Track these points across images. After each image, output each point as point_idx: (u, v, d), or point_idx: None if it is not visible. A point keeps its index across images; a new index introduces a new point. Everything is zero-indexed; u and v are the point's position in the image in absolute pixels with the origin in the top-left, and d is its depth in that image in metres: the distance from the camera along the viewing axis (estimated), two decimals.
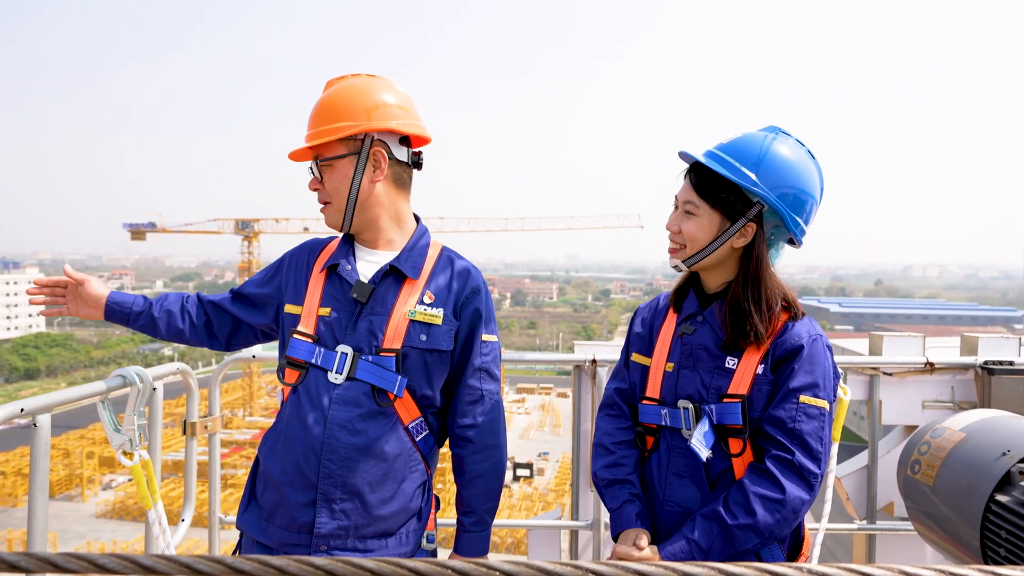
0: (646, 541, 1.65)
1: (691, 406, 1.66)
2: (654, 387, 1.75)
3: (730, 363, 1.64)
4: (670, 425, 1.70)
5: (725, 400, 1.63)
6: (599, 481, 1.80)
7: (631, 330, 1.89)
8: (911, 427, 2.87)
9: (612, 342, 1.95)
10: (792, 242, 1.71)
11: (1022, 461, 1.75)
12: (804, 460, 1.56)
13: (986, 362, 2.74)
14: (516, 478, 34.59)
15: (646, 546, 1.63)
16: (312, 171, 1.77)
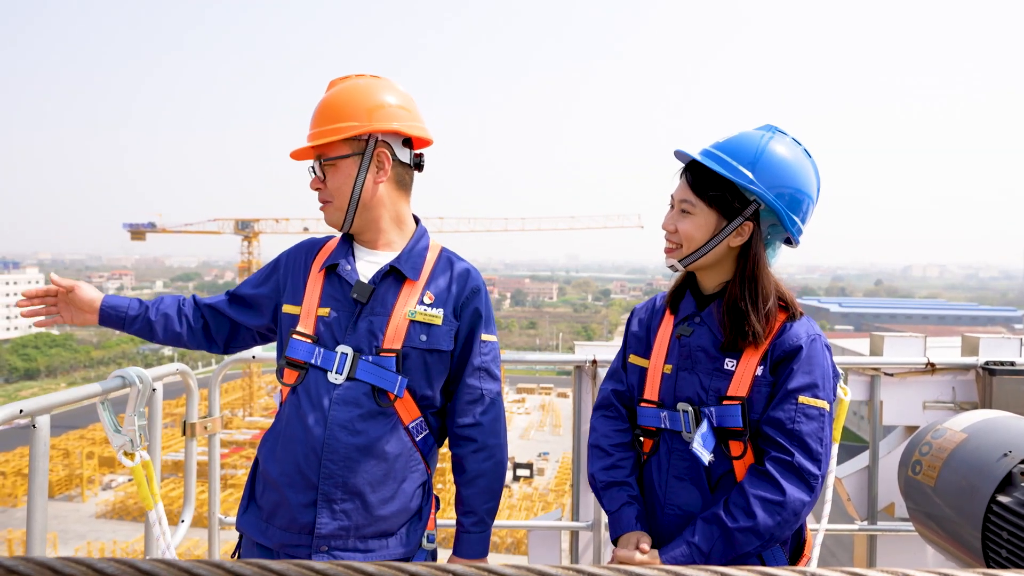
0: (647, 545, 1.65)
1: (690, 409, 1.65)
2: (652, 389, 1.73)
3: (729, 365, 1.63)
4: (670, 428, 1.69)
5: (725, 402, 1.62)
6: (597, 483, 1.79)
7: (628, 331, 1.88)
8: (912, 428, 2.86)
9: (612, 342, 1.95)
10: (789, 242, 1.70)
11: (1023, 462, 1.75)
12: (804, 461, 1.55)
13: (987, 362, 2.74)
14: (516, 478, 34.58)
15: (648, 550, 1.62)
16: (313, 170, 1.77)
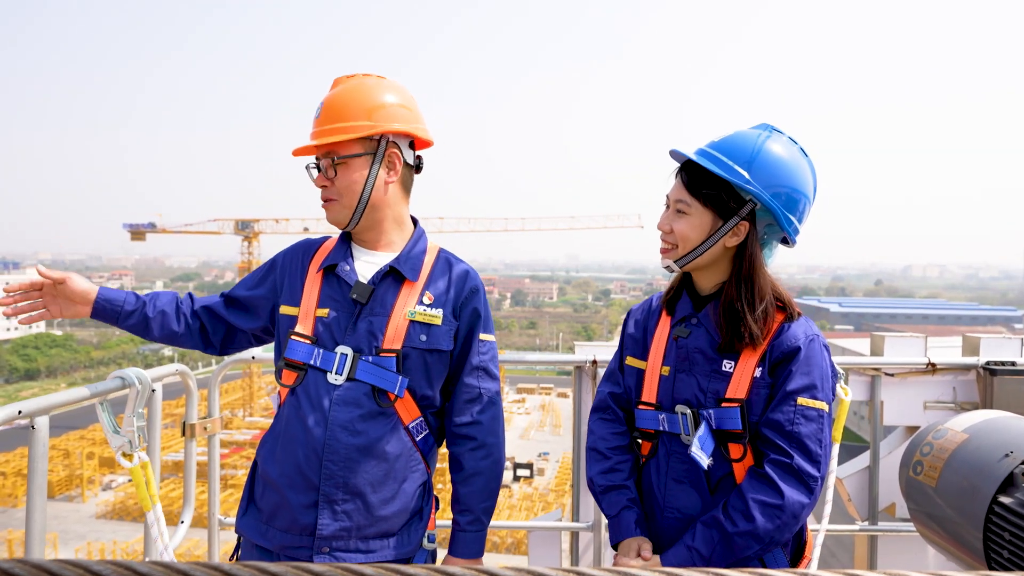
0: (649, 551, 1.64)
1: (689, 411, 1.64)
2: (650, 391, 1.72)
3: (727, 366, 1.62)
4: (668, 430, 1.68)
5: (723, 404, 1.61)
6: (596, 487, 1.78)
7: (624, 332, 1.86)
8: (913, 428, 2.86)
9: (612, 342, 1.95)
10: (786, 241, 1.69)
11: None
12: (803, 463, 1.54)
13: (988, 363, 2.73)
14: (516, 478, 34.57)
15: (649, 557, 1.62)
16: (318, 168, 1.75)
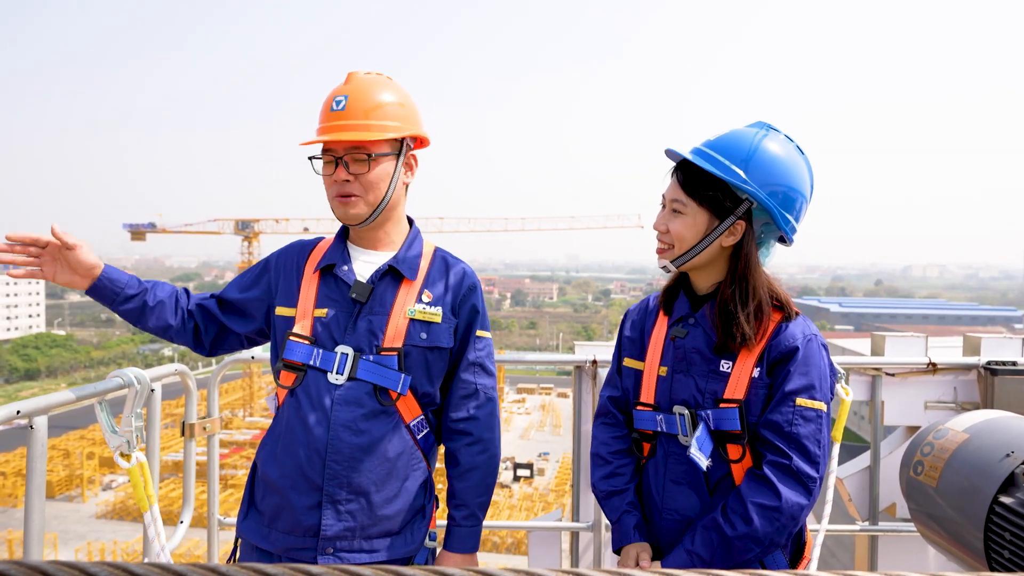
0: (648, 558, 1.64)
1: (687, 412, 1.63)
2: (648, 392, 1.72)
3: (725, 367, 1.61)
4: (666, 431, 1.68)
5: (722, 405, 1.60)
6: (598, 493, 1.79)
7: (621, 334, 1.86)
8: (913, 428, 2.86)
9: (612, 342, 1.95)
10: (783, 240, 1.67)
11: None
12: (802, 464, 1.54)
13: (989, 362, 2.73)
14: (516, 478, 34.57)
15: (648, 565, 1.62)
16: (336, 161, 1.70)
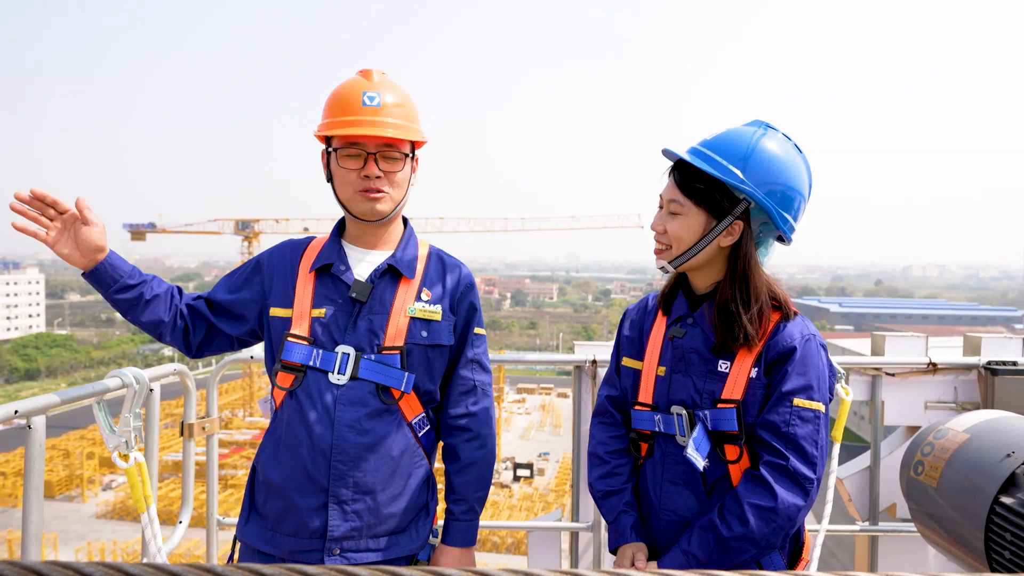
0: (644, 558, 1.64)
1: (685, 412, 1.63)
2: (646, 392, 1.71)
3: (723, 367, 1.61)
4: (664, 431, 1.67)
5: (719, 405, 1.59)
6: (595, 492, 1.78)
7: (620, 334, 1.85)
8: (914, 428, 2.85)
9: (612, 342, 1.94)
10: (782, 239, 1.67)
11: None
12: (799, 465, 1.53)
13: (989, 362, 2.73)
14: (516, 478, 34.55)
15: (644, 565, 1.62)
16: (372, 158, 1.70)
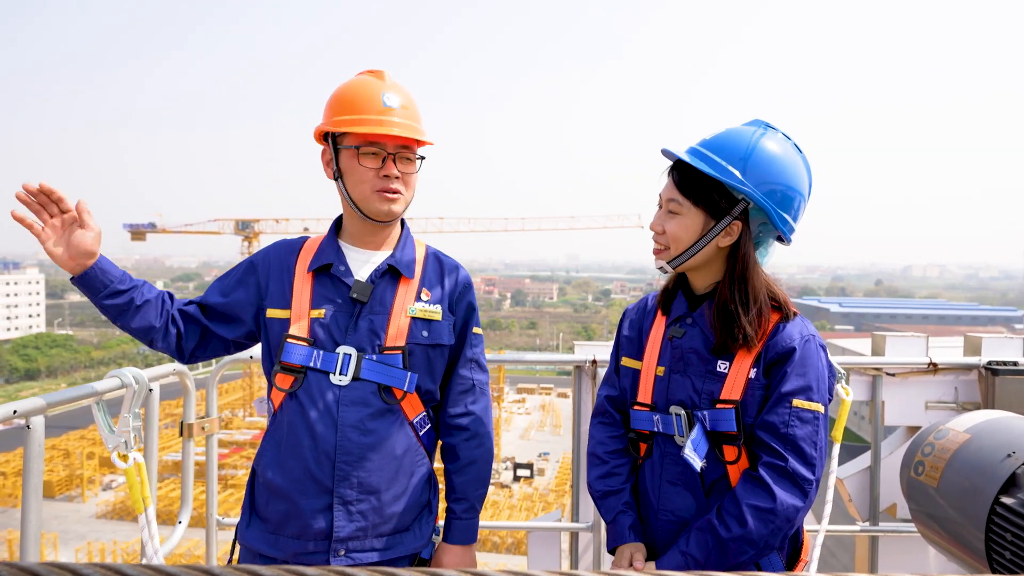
0: (642, 559, 1.63)
1: (683, 412, 1.62)
2: (645, 392, 1.71)
3: (722, 367, 1.60)
4: (662, 431, 1.67)
5: (718, 406, 1.59)
6: (594, 492, 1.78)
7: (619, 333, 1.85)
8: (914, 428, 2.85)
9: (612, 342, 1.94)
10: (781, 240, 1.66)
11: None
12: (798, 466, 1.52)
13: (990, 362, 2.72)
14: (516, 478, 34.54)
15: (642, 566, 1.61)
16: (391, 159, 1.71)
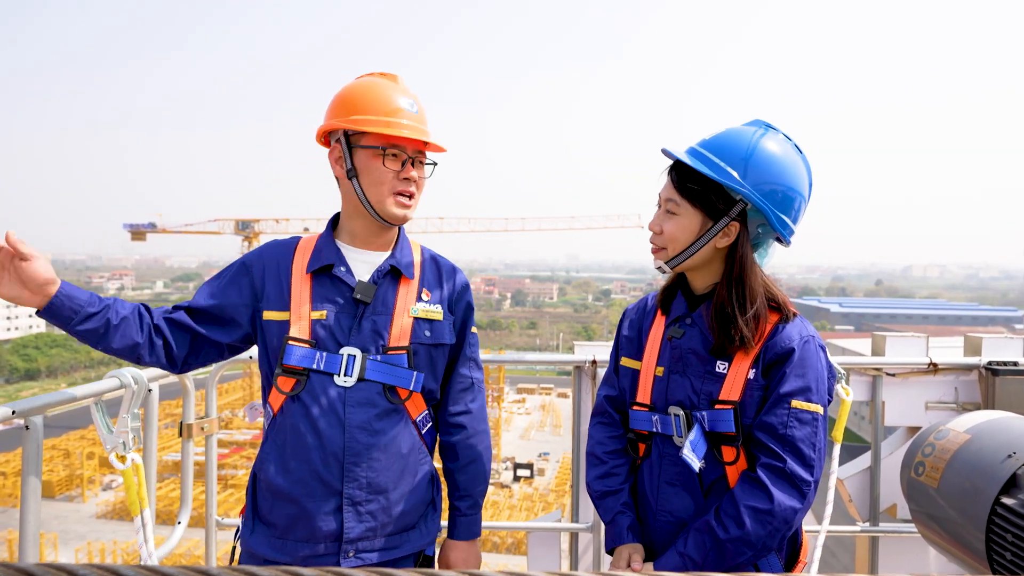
0: (640, 559, 1.63)
1: (682, 412, 1.62)
2: (644, 392, 1.71)
3: (720, 368, 1.60)
4: (661, 432, 1.66)
5: (717, 407, 1.58)
6: (593, 493, 1.78)
7: (619, 333, 1.85)
8: (914, 428, 2.85)
9: (612, 342, 1.94)
10: (781, 241, 1.64)
11: None
12: (796, 468, 1.52)
13: (990, 363, 2.72)
14: (516, 478, 34.55)
15: (640, 567, 1.61)
16: (411, 163, 1.73)
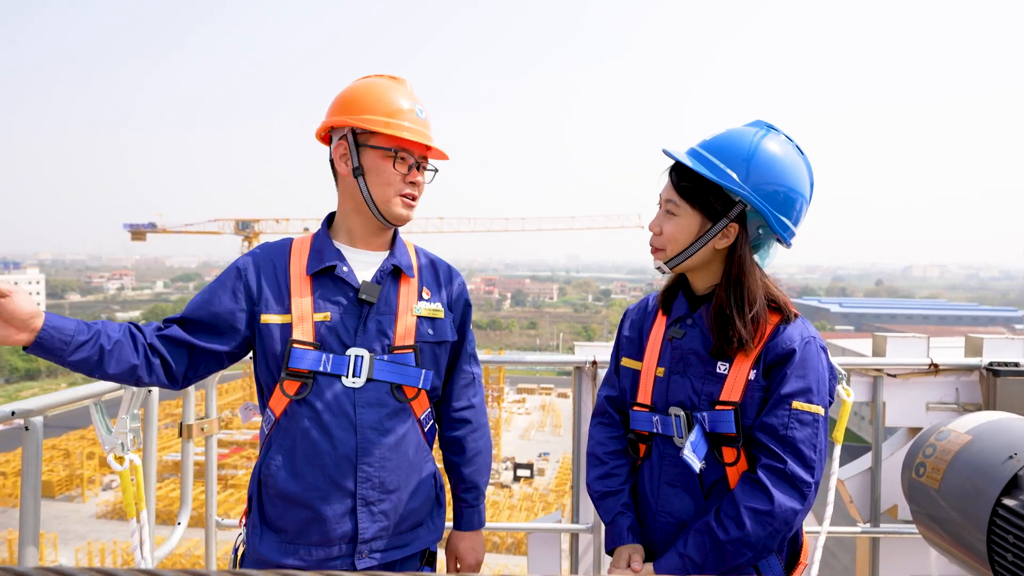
0: (640, 560, 1.63)
1: (682, 413, 1.62)
2: (645, 393, 1.70)
3: (721, 368, 1.59)
4: (662, 432, 1.66)
5: (717, 407, 1.58)
6: (593, 493, 1.78)
7: (620, 334, 1.84)
8: (915, 429, 2.84)
9: (612, 343, 1.94)
10: (782, 241, 1.64)
11: None
12: (797, 469, 1.51)
13: (991, 363, 2.72)
14: (516, 478, 34.54)
15: (640, 568, 1.61)
16: (416, 165, 1.74)
